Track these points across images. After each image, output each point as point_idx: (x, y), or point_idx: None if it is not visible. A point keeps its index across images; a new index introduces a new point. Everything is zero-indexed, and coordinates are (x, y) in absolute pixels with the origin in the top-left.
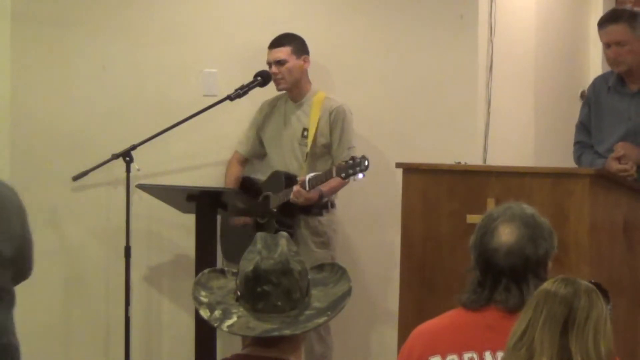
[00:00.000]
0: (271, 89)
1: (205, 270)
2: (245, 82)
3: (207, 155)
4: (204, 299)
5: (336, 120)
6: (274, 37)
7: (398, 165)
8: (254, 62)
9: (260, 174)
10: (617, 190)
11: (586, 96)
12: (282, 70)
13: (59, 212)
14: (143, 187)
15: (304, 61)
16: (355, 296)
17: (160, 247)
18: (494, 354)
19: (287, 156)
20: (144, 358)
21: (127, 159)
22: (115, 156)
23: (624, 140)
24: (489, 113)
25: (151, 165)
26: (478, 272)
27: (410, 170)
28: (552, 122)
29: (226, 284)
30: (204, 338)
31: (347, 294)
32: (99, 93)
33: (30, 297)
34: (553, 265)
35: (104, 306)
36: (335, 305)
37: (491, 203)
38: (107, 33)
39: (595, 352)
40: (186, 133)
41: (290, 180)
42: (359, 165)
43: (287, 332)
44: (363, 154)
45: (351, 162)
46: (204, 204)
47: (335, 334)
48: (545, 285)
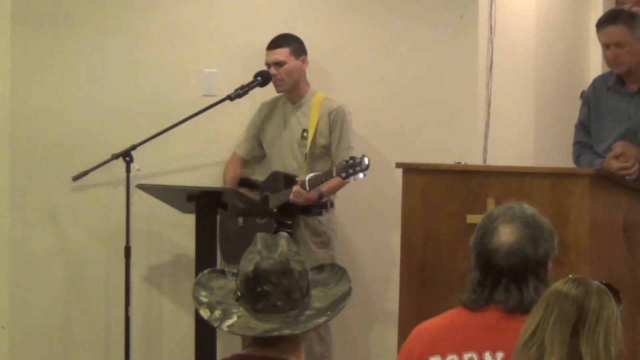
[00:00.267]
0: (271, 89)
1: (205, 271)
2: (245, 82)
3: (207, 155)
4: (204, 299)
5: (335, 120)
6: (274, 37)
7: (398, 165)
8: (254, 62)
9: (258, 175)
10: (617, 190)
11: (586, 96)
12: (280, 71)
13: (59, 212)
14: (143, 187)
15: (303, 62)
16: (355, 296)
17: (160, 247)
18: (493, 354)
19: (286, 157)
20: (144, 358)
21: (127, 159)
22: (115, 156)
23: (623, 139)
24: (489, 113)
25: (151, 165)
26: (478, 272)
27: (410, 170)
28: (552, 122)
29: (226, 284)
30: (204, 338)
31: (347, 294)
32: (99, 93)
33: (30, 297)
34: (553, 266)
35: (104, 306)
36: (335, 305)
37: (491, 203)
38: (107, 33)
39: (606, 353)
40: (186, 133)
41: (290, 180)
42: (359, 165)
43: (287, 332)
44: (363, 153)
45: (351, 161)
46: (204, 204)
47: (335, 334)
48: (556, 285)
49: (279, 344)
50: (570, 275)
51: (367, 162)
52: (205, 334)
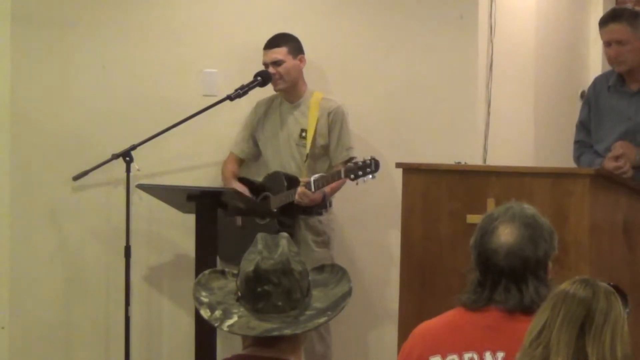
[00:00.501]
0: (271, 89)
1: (206, 271)
2: (245, 82)
3: (207, 155)
4: (204, 299)
5: (335, 120)
6: (271, 37)
7: (398, 165)
8: (254, 62)
9: (256, 175)
10: (617, 190)
11: (586, 95)
12: (279, 70)
13: (59, 212)
14: (143, 187)
15: (300, 61)
16: (355, 296)
17: (160, 247)
18: (494, 354)
19: (284, 157)
20: (144, 358)
21: (127, 159)
22: (115, 156)
23: (623, 139)
24: (489, 113)
25: (151, 165)
26: (478, 273)
27: (410, 170)
28: (552, 122)
29: (226, 284)
30: (204, 338)
31: (347, 294)
32: (99, 93)
33: (30, 297)
34: (553, 266)
35: (104, 306)
36: (336, 305)
37: (491, 203)
38: (107, 33)
39: (611, 355)
40: (186, 133)
41: (292, 181)
42: (369, 166)
43: (287, 331)
44: (372, 155)
45: (361, 163)
46: (204, 204)
47: (335, 334)
48: (563, 285)
49: (279, 344)
50: (577, 277)
51: (377, 164)
52: (205, 334)
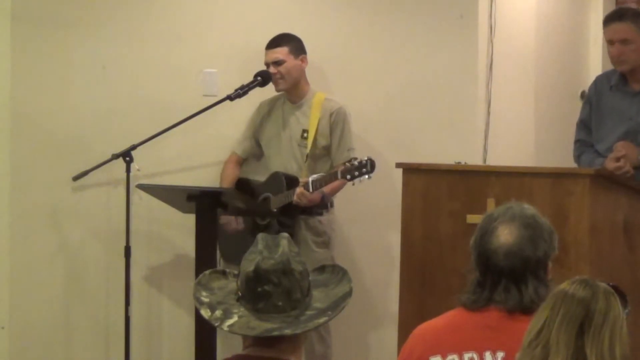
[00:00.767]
0: (271, 89)
1: (207, 271)
2: (245, 82)
3: (207, 155)
4: (205, 299)
5: (337, 121)
6: (273, 37)
7: (398, 165)
8: (254, 62)
9: (257, 175)
10: (617, 190)
11: (587, 94)
12: (280, 70)
13: (59, 212)
14: (143, 187)
15: (302, 61)
16: (355, 296)
17: (160, 247)
18: (494, 354)
19: (285, 157)
20: (144, 358)
21: (127, 159)
22: (115, 156)
23: (624, 139)
24: (489, 113)
25: (151, 165)
26: (477, 273)
27: (410, 170)
28: (552, 122)
29: (227, 284)
30: (204, 338)
31: (347, 294)
32: (99, 93)
33: (30, 297)
34: (553, 266)
35: (104, 306)
36: (336, 305)
37: (491, 203)
38: (107, 33)
39: (610, 355)
40: (186, 133)
41: (292, 181)
42: (365, 166)
43: (287, 331)
44: (369, 155)
45: (357, 163)
46: (204, 204)
47: (336, 334)
48: (563, 285)
49: (279, 344)
50: (576, 277)
51: (372, 165)
52: (205, 334)
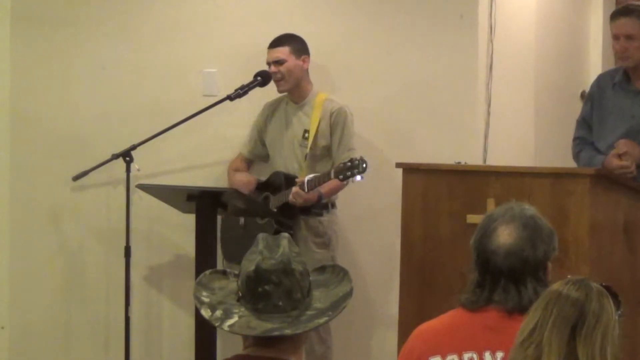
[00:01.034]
0: (271, 89)
1: (207, 271)
2: (245, 82)
3: (207, 155)
4: (205, 299)
5: (337, 121)
6: (274, 37)
7: (398, 165)
8: (254, 62)
9: (262, 176)
10: (617, 190)
11: (589, 92)
12: (281, 69)
13: (59, 212)
14: (143, 187)
15: (304, 61)
16: (356, 296)
17: (160, 247)
18: (493, 354)
19: (288, 158)
20: (144, 358)
21: (127, 159)
22: (115, 156)
23: (626, 137)
24: (489, 113)
25: (151, 165)
26: (477, 273)
27: (410, 170)
28: (552, 122)
29: (227, 284)
30: (204, 338)
31: (348, 294)
32: (99, 93)
33: (30, 297)
34: (553, 266)
35: (104, 306)
36: (336, 305)
37: (491, 203)
38: (107, 33)
39: (601, 357)
40: (186, 133)
41: (290, 181)
42: (357, 167)
43: (288, 331)
44: (361, 155)
45: (349, 164)
46: (204, 204)
47: (336, 334)
48: (556, 285)
49: (279, 344)
50: (570, 277)
51: (364, 165)
52: (205, 334)
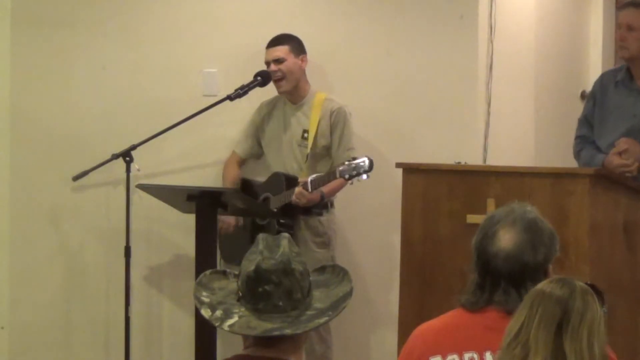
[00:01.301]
0: (271, 89)
1: (207, 271)
2: (245, 82)
3: (207, 155)
4: (205, 299)
5: (337, 121)
6: (274, 36)
7: (398, 165)
8: (254, 62)
9: (258, 175)
10: (617, 190)
11: (592, 90)
12: (281, 67)
13: (59, 212)
14: (143, 187)
15: (302, 60)
16: (356, 296)
17: (160, 247)
18: (494, 354)
19: (286, 158)
20: (144, 358)
21: (127, 159)
22: (115, 156)
23: (626, 136)
24: (489, 113)
25: (151, 165)
26: (477, 274)
27: (410, 170)
28: (552, 122)
29: (227, 284)
30: (204, 338)
31: (348, 294)
32: (99, 93)
33: (30, 297)
34: (553, 266)
35: (104, 306)
36: (337, 305)
37: (491, 203)
38: (107, 33)
39: (589, 353)
40: (186, 133)
41: (291, 181)
42: (362, 166)
43: (288, 331)
44: (366, 155)
45: (354, 163)
46: (204, 204)
47: (336, 334)
48: (540, 285)
49: (280, 344)
50: (554, 276)
51: (370, 164)
52: (205, 334)
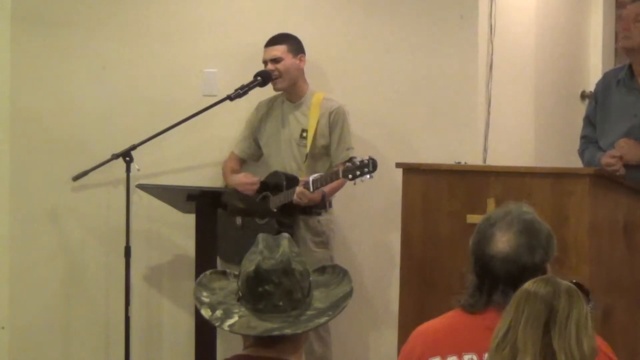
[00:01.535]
0: (271, 89)
1: (207, 272)
2: (245, 82)
3: (207, 155)
4: (205, 299)
5: (336, 121)
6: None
7: (398, 165)
8: (254, 62)
9: (257, 175)
10: (617, 190)
11: (595, 89)
12: (278, 67)
13: (59, 212)
14: (143, 187)
15: (300, 60)
16: (355, 296)
17: (160, 247)
18: None
19: (285, 157)
20: (144, 358)
21: (127, 159)
22: (115, 156)
23: (627, 136)
24: (489, 113)
25: (151, 165)
26: (475, 276)
27: (410, 170)
28: (552, 122)
29: (228, 285)
30: (204, 338)
31: (348, 294)
32: (99, 93)
33: (30, 296)
34: (553, 266)
35: (104, 306)
36: (337, 305)
37: (491, 203)
38: (107, 33)
39: (578, 349)
40: (186, 133)
41: (291, 180)
42: (367, 166)
43: (288, 331)
44: (370, 155)
45: (359, 163)
46: (204, 204)
47: (335, 334)
48: (525, 285)
49: (279, 344)
50: (539, 277)
51: (374, 164)
52: (205, 334)
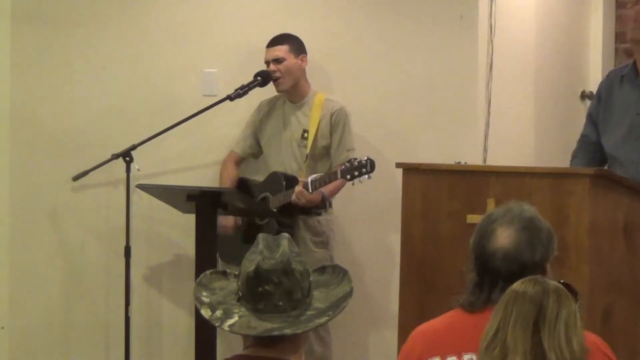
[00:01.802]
0: (271, 89)
1: (207, 272)
2: (245, 82)
3: (207, 155)
4: (205, 299)
5: (337, 122)
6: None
7: (398, 165)
8: (254, 62)
9: (257, 175)
10: (617, 190)
11: (598, 87)
12: (280, 67)
13: (59, 212)
14: (143, 187)
15: (302, 60)
16: (355, 296)
17: (160, 247)
18: None
19: (286, 157)
20: (144, 358)
21: (127, 159)
22: (115, 156)
23: (627, 134)
24: (489, 113)
25: (151, 165)
26: (475, 274)
27: (410, 170)
28: (552, 122)
29: (228, 285)
30: (204, 338)
31: (348, 295)
32: (99, 93)
33: (30, 296)
34: (553, 266)
35: (104, 306)
36: (337, 305)
37: (491, 203)
38: (107, 33)
39: (568, 348)
40: (186, 133)
41: (291, 181)
42: (365, 166)
43: (288, 331)
44: (368, 155)
45: (357, 163)
46: (204, 204)
47: (335, 334)
48: (514, 286)
49: (279, 344)
50: (527, 277)
51: (372, 164)
52: (205, 334)
